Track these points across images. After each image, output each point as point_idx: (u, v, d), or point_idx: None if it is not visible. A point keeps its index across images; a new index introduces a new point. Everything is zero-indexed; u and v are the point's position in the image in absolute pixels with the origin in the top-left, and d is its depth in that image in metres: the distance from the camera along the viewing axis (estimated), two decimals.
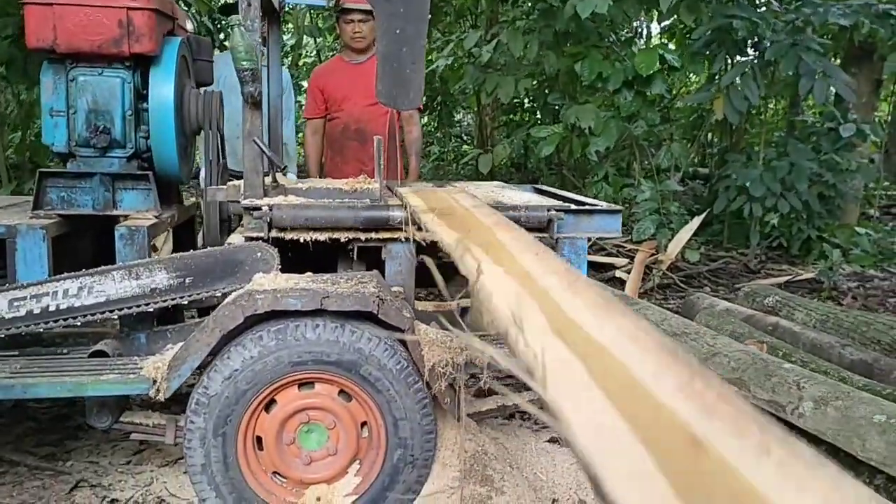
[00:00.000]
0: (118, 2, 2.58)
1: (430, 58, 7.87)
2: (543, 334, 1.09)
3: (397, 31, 2.61)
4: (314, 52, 11.21)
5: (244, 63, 2.46)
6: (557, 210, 2.61)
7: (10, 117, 6.00)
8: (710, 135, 8.97)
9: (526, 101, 9.19)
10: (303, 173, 4.85)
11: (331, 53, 10.95)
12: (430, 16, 2.71)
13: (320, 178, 4.16)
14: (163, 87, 2.74)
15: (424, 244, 2.28)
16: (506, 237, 1.82)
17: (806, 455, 0.77)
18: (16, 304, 2.36)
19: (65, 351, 2.60)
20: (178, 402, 2.68)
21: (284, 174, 3.27)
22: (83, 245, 2.96)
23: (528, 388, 2.40)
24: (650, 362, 0.98)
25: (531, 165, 9.48)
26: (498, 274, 1.45)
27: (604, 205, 2.77)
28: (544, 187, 3.47)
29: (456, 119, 11.67)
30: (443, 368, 2.34)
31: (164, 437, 2.42)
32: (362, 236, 2.53)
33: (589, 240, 2.90)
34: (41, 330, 2.44)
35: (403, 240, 2.49)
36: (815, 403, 2.71)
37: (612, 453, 0.78)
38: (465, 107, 10.99)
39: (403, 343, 2.32)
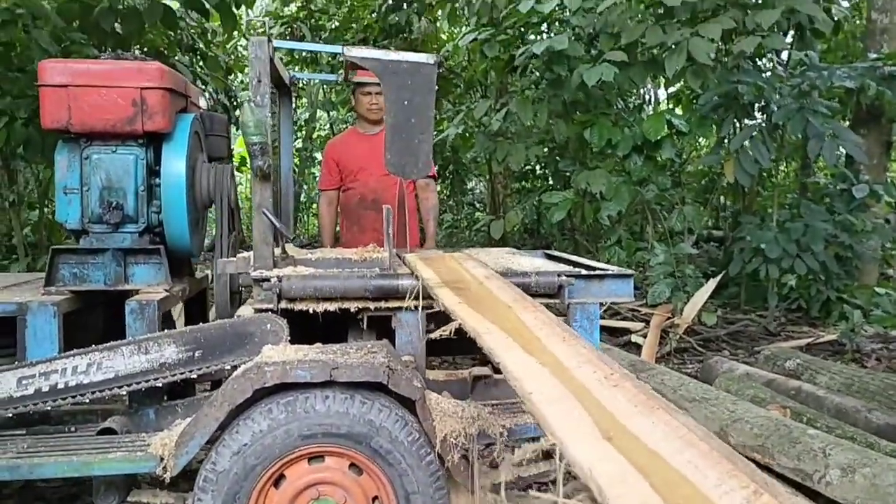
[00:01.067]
0: (132, 82, 2.64)
1: (441, 127, 8.00)
2: (594, 440, 1.09)
3: (405, 103, 2.65)
4: (328, 126, 11.43)
5: (254, 137, 2.50)
6: (568, 275, 2.59)
7: (28, 196, 6.11)
8: (722, 198, 8.98)
9: (537, 167, 9.28)
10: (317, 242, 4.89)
11: (344, 126, 11.18)
12: (437, 87, 2.75)
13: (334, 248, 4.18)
14: (175, 163, 2.78)
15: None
16: (528, 318, 1.84)
17: None
18: (24, 382, 2.35)
19: (73, 429, 2.57)
20: (187, 479, 2.63)
21: (294, 244, 3.29)
22: (94, 319, 2.96)
23: (546, 458, 2.35)
24: (712, 472, 0.99)
25: (544, 231, 9.50)
26: (532, 366, 1.45)
27: (614, 269, 2.75)
28: (555, 252, 3.46)
29: (468, 187, 11.80)
30: (455, 439, 2.28)
31: None
32: (372, 305, 2.52)
33: (602, 304, 2.87)
34: (49, 408, 2.42)
35: (413, 308, 2.47)
36: (843, 471, 2.62)
37: None
38: (477, 174, 11.11)
39: (414, 413, 2.28)
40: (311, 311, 2.49)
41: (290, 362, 2.21)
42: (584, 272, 2.66)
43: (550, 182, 8.47)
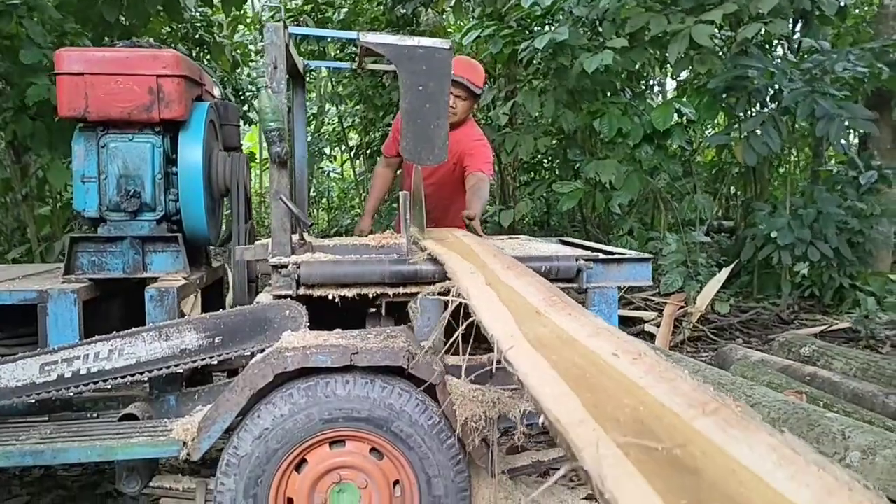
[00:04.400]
0: (148, 70, 2.64)
1: None
2: (480, 284, 1.98)
3: (420, 88, 2.65)
4: (336, 119, 11.41)
5: (271, 124, 2.50)
6: (587, 259, 2.59)
7: (39, 190, 6.09)
8: (732, 187, 8.95)
9: (546, 159, 9.26)
10: (327, 236, 4.81)
11: (353, 119, 11.16)
12: (451, 73, 2.74)
13: (373, 215, 4.21)
14: (191, 151, 2.78)
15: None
16: (483, 251, 2.48)
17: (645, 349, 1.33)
18: (47, 368, 2.36)
19: (95, 415, 2.59)
20: (208, 466, 2.64)
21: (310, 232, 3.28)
22: (114, 307, 2.97)
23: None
24: (534, 292, 1.86)
25: (554, 222, 9.48)
26: (466, 267, 2.22)
27: (633, 253, 2.74)
28: (570, 239, 3.45)
29: None
30: (475, 423, 2.29)
31: (195, 500, 2.38)
32: (390, 291, 2.52)
33: (621, 289, 2.86)
34: (71, 394, 2.43)
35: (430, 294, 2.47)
36: (863, 453, 2.61)
37: (496, 320, 1.63)
38: None
39: (434, 398, 2.28)
40: (329, 297, 2.50)
41: (311, 347, 2.22)
42: (602, 256, 2.65)
43: (559, 173, 8.45)
